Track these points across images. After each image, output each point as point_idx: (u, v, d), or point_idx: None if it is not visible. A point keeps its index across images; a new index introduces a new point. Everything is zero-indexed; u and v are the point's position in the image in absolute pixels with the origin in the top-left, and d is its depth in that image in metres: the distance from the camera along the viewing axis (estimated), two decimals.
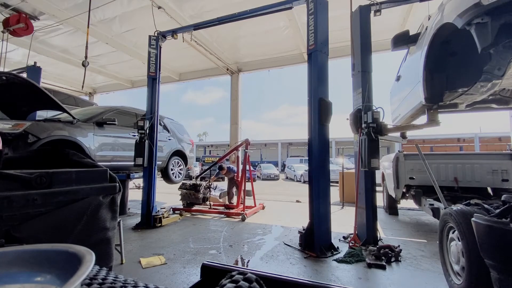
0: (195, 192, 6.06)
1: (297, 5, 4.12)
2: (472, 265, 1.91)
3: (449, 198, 3.74)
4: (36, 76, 6.39)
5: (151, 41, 5.07)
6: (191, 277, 2.71)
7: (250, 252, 3.48)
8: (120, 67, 10.05)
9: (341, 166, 7.72)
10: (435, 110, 2.92)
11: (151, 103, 5.02)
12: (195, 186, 6.13)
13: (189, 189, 6.15)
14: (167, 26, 5.54)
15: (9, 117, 2.76)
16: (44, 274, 0.47)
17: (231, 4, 5.81)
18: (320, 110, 3.55)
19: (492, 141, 26.15)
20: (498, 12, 1.72)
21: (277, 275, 0.55)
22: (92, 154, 4.32)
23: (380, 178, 5.89)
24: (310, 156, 3.67)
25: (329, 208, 3.57)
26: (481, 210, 2.04)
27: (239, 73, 9.84)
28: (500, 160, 4.14)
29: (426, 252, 3.41)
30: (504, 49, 1.81)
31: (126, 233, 4.16)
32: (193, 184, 6.18)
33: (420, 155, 3.43)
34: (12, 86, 2.22)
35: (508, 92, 3.08)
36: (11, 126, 3.31)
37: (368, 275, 2.79)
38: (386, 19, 5.48)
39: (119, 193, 1.39)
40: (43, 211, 1.10)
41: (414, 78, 3.07)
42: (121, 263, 3.02)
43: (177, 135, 6.80)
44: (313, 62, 3.68)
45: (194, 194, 6.08)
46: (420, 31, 3.21)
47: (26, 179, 1.09)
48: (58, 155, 1.52)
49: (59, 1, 5.78)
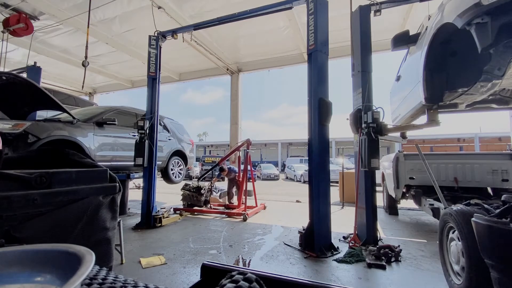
0: (198, 195, 6.05)
1: (297, 5, 4.12)
2: (472, 265, 1.91)
3: (449, 198, 3.74)
4: (36, 76, 6.38)
5: (151, 41, 5.07)
6: (191, 277, 2.71)
7: (250, 252, 3.48)
8: (120, 67, 10.06)
9: (341, 166, 7.72)
10: (435, 110, 2.92)
11: (151, 103, 5.02)
12: (199, 189, 6.12)
13: (192, 191, 6.13)
14: (167, 26, 5.54)
15: (9, 117, 2.76)
16: (44, 274, 0.47)
17: (231, 4, 5.81)
18: (320, 110, 3.55)
19: (492, 141, 26.14)
20: (498, 12, 1.72)
21: (277, 275, 0.55)
22: (92, 154, 4.32)
23: (380, 178, 5.88)
24: (310, 156, 3.67)
25: (329, 208, 3.57)
26: (481, 210, 2.04)
27: (239, 73, 9.85)
28: (500, 160, 4.14)
29: (426, 252, 3.41)
30: (504, 49, 1.81)
31: (126, 233, 4.16)
32: (197, 187, 6.17)
33: (420, 155, 3.43)
34: (12, 86, 2.22)
35: (508, 92, 3.08)
36: (11, 126, 3.31)
37: (368, 275, 2.79)
38: (386, 19, 5.49)
39: (119, 193, 1.40)
40: (43, 211, 1.10)
41: (414, 78, 3.07)
42: (121, 263, 3.02)
43: (177, 135, 6.80)
44: (313, 62, 3.68)
45: (197, 196, 6.07)
46: (420, 31, 3.21)
47: (26, 179, 1.09)
48: (58, 155, 1.52)
49: (59, 1, 5.78)
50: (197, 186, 6.20)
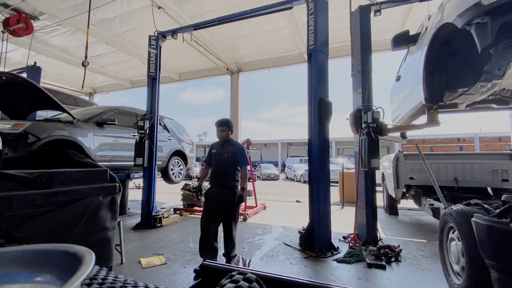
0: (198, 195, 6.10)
1: (297, 5, 4.12)
2: (472, 265, 1.91)
3: (449, 198, 3.74)
4: (36, 76, 6.39)
5: (151, 41, 5.07)
6: (191, 277, 2.71)
7: (250, 252, 3.48)
8: (120, 67, 10.05)
9: (341, 166, 7.72)
10: (435, 110, 2.91)
11: (151, 103, 5.02)
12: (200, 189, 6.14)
13: (192, 191, 6.20)
14: (167, 26, 5.54)
15: (9, 117, 2.76)
16: (44, 274, 0.47)
17: (231, 4, 5.80)
18: (320, 110, 3.55)
19: (492, 141, 26.12)
20: (498, 12, 1.72)
21: (277, 275, 0.55)
22: (92, 154, 4.31)
23: (380, 178, 5.88)
24: (310, 156, 3.67)
25: (329, 208, 3.56)
26: (481, 210, 2.04)
27: (239, 73, 9.84)
28: (500, 160, 4.14)
29: (426, 252, 3.41)
30: (504, 49, 1.80)
31: (126, 233, 4.16)
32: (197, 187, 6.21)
33: (420, 155, 3.43)
34: (12, 86, 2.22)
35: (508, 92, 3.08)
36: (11, 126, 3.31)
37: (368, 275, 2.79)
38: (386, 19, 5.49)
39: (119, 193, 1.39)
40: (43, 211, 1.10)
41: (414, 78, 3.07)
42: (121, 263, 3.02)
43: (177, 135, 6.80)
44: (313, 62, 3.68)
45: (197, 196, 6.10)
46: (420, 31, 3.21)
47: (26, 179, 1.09)
48: (58, 155, 1.52)
49: (59, 1, 5.77)
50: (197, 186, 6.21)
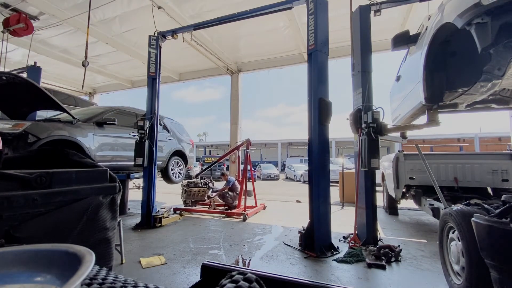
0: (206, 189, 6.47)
1: (297, 5, 4.12)
2: (472, 265, 1.91)
3: (449, 198, 3.74)
4: (36, 76, 6.38)
5: (151, 41, 5.07)
6: (191, 277, 2.71)
7: (250, 252, 3.48)
8: (120, 67, 10.06)
9: (341, 166, 7.72)
10: (435, 110, 2.91)
11: (151, 103, 5.02)
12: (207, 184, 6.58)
13: (201, 186, 6.46)
14: (167, 26, 5.54)
15: (9, 117, 2.76)
16: (44, 274, 0.47)
17: (231, 4, 5.81)
18: (320, 110, 3.55)
19: (492, 141, 26.11)
20: (498, 12, 1.72)
21: (277, 275, 0.55)
22: (92, 154, 4.31)
23: (380, 178, 5.88)
24: (310, 156, 3.67)
25: (329, 208, 3.56)
26: (481, 210, 2.04)
27: (239, 73, 9.85)
28: (500, 160, 4.14)
29: (426, 252, 3.41)
30: (504, 49, 1.80)
31: (126, 233, 4.16)
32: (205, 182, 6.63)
33: (420, 155, 3.43)
34: (12, 86, 2.22)
35: (508, 92, 3.08)
36: (11, 126, 3.31)
37: (368, 275, 2.79)
38: (386, 19, 5.49)
39: (119, 193, 1.39)
40: (43, 211, 1.10)
41: (414, 78, 3.07)
42: (121, 263, 3.02)
43: (177, 135, 6.80)
44: (313, 62, 3.68)
45: (205, 190, 6.42)
46: (420, 31, 3.21)
47: (26, 179, 1.09)
48: (58, 155, 1.52)
49: (59, 1, 5.78)
50: (205, 181, 6.65)
